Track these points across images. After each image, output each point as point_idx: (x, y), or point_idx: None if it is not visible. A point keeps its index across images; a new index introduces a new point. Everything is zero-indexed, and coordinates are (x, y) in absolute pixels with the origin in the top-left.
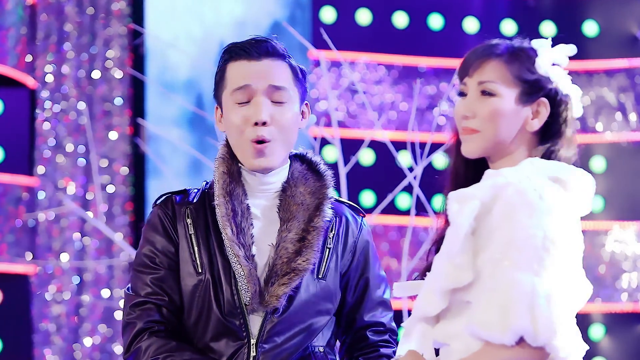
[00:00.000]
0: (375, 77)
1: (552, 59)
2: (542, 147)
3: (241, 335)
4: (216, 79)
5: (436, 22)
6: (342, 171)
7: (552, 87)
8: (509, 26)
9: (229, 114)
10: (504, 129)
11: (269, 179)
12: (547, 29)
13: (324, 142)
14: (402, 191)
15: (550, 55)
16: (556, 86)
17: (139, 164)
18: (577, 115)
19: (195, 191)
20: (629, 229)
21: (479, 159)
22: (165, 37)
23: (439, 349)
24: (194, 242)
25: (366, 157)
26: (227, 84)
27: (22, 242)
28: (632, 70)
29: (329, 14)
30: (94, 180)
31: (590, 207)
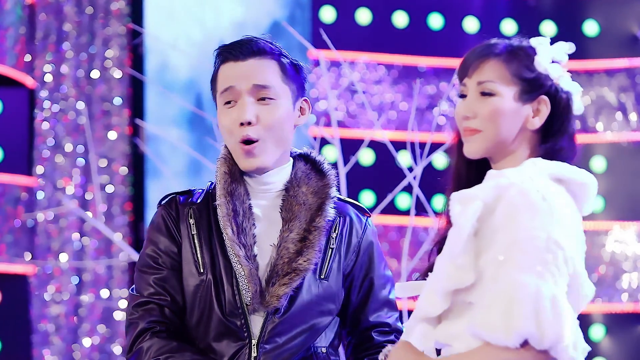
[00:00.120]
0: (375, 77)
1: (551, 56)
2: (544, 146)
3: (242, 335)
4: (210, 82)
5: (436, 21)
6: (342, 171)
7: (552, 84)
8: (509, 26)
9: (219, 116)
10: (505, 128)
11: (269, 179)
12: (548, 28)
13: (323, 142)
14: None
15: (549, 52)
16: (556, 83)
17: (138, 164)
18: (578, 112)
19: (199, 191)
20: (630, 229)
21: (481, 160)
22: (164, 36)
23: (440, 350)
24: (196, 242)
25: (366, 157)
26: (217, 86)
27: (21, 242)
28: (632, 70)
29: (328, 14)
30: (93, 180)
31: (592, 208)
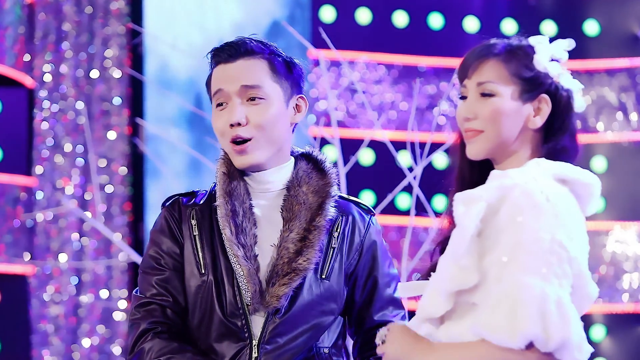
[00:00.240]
0: (375, 77)
1: (550, 54)
2: (546, 146)
3: (243, 336)
4: (205, 84)
5: (436, 21)
6: (342, 171)
7: (552, 83)
8: (509, 25)
9: (212, 119)
10: (507, 128)
11: (268, 178)
12: (548, 28)
13: (323, 142)
14: (401, 191)
15: (548, 51)
16: (556, 82)
17: (137, 163)
18: (580, 109)
19: (202, 193)
20: (630, 229)
21: (483, 160)
22: (164, 36)
23: None
24: (198, 243)
25: (366, 157)
26: (211, 89)
27: (20, 242)
28: (633, 69)
29: (328, 13)
30: (92, 180)
31: (595, 208)
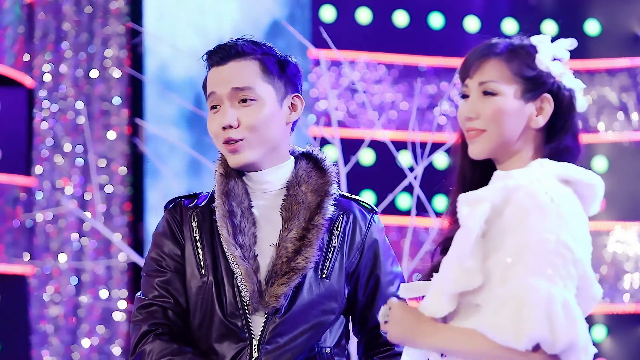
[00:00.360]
0: (375, 77)
1: (552, 54)
2: (549, 146)
3: (243, 336)
4: (202, 88)
5: (437, 21)
6: (342, 171)
7: (554, 82)
8: (510, 25)
9: (207, 121)
10: (509, 128)
11: (265, 178)
12: (549, 27)
13: (323, 141)
14: (402, 191)
15: (550, 50)
16: (558, 81)
17: (137, 163)
18: (582, 109)
19: (204, 195)
20: (631, 230)
21: (485, 160)
22: (164, 36)
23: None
24: (199, 245)
25: (366, 157)
26: (206, 92)
27: (20, 242)
28: (634, 69)
29: (328, 13)
30: (92, 180)
31: (597, 209)
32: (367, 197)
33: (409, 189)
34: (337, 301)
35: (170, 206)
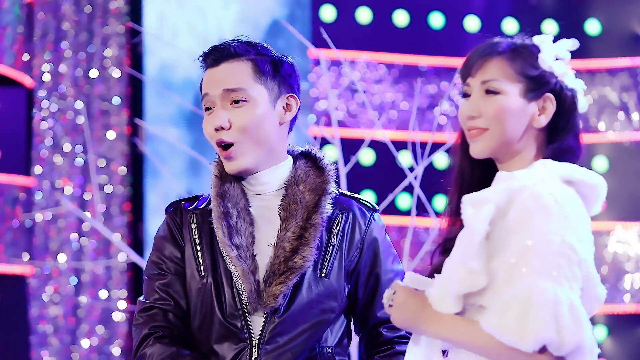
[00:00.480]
0: (375, 76)
1: (554, 54)
2: (551, 146)
3: (243, 337)
4: (199, 89)
5: (437, 20)
6: (342, 171)
7: (557, 82)
8: (510, 25)
9: (203, 123)
10: (511, 127)
11: (261, 180)
12: (549, 27)
13: (324, 141)
14: (402, 191)
15: (552, 50)
16: (561, 81)
17: (137, 163)
18: (582, 110)
19: (205, 197)
20: (632, 230)
21: (484, 160)
22: (163, 35)
23: (446, 351)
24: (198, 246)
25: (366, 157)
26: (202, 94)
27: (19, 242)
28: (634, 69)
29: (328, 13)
30: (91, 180)
31: (599, 209)
32: (367, 197)
33: (409, 189)
34: (337, 300)
35: (170, 210)
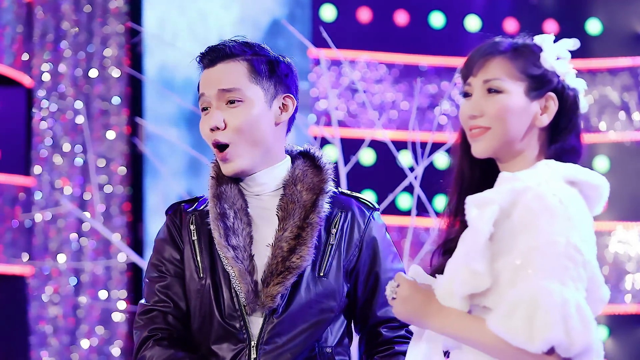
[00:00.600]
0: (375, 76)
1: (556, 53)
2: (553, 146)
3: (242, 337)
4: (197, 89)
5: (437, 20)
6: (342, 171)
7: (559, 81)
8: (511, 24)
9: (199, 123)
10: (514, 126)
11: (259, 181)
12: (550, 27)
13: (324, 141)
14: (402, 191)
15: (554, 49)
16: (563, 80)
17: (136, 163)
18: (583, 110)
19: (205, 198)
20: (633, 230)
21: (485, 160)
22: (163, 35)
23: (447, 352)
24: (197, 248)
25: (366, 156)
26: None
27: (19, 242)
28: (635, 68)
29: (329, 12)
30: (91, 180)
31: (601, 209)
32: (368, 197)
33: (410, 189)
34: (336, 299)
35: (170, 212)
